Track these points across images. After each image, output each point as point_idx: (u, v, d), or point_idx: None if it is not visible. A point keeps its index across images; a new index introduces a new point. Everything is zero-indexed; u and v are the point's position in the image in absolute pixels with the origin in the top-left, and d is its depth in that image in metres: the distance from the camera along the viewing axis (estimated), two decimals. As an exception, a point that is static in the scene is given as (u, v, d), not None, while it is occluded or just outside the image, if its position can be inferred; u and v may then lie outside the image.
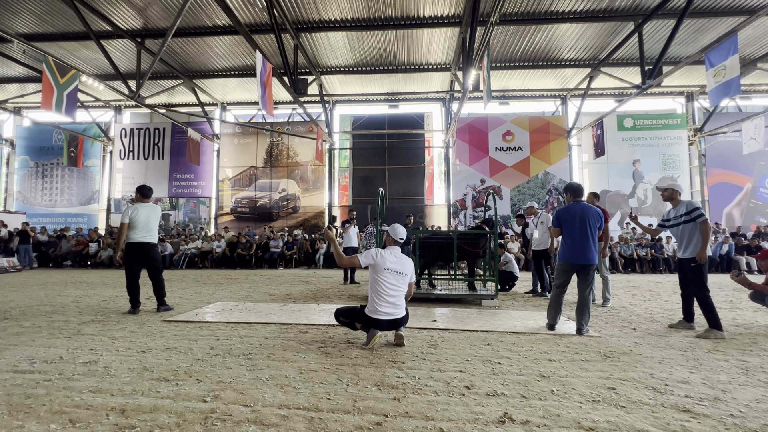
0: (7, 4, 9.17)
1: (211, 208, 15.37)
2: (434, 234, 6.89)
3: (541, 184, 14.07)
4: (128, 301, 4.88)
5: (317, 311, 4.84)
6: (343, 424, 1.94)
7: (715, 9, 9.39)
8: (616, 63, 11.97)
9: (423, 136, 15.46)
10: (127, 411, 2.06)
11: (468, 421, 1.97)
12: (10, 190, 16.15)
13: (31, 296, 6.19)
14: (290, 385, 2.43)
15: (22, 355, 3.04)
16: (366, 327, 3.34)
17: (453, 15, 9.74)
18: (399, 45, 11.17)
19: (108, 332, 3.77)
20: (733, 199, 13.66)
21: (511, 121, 14.37)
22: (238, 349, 3.19)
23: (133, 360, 2.91)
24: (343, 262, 3.49)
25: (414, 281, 3.58)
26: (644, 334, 3.81)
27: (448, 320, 4.40)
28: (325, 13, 9.60)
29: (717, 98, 7.52)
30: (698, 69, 12.17)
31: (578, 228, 3.84)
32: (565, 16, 9.72)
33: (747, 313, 4.93)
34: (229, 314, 4.64)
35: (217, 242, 12.54)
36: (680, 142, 13.88)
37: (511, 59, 12.14)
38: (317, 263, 12.25)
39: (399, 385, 2.45)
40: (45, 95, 7.53)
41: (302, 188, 15.02)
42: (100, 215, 15.62)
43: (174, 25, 7.92)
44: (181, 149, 14.98)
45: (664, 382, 2.52)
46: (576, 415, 2.04)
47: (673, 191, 4.15)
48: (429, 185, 15.41)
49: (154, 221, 4.95)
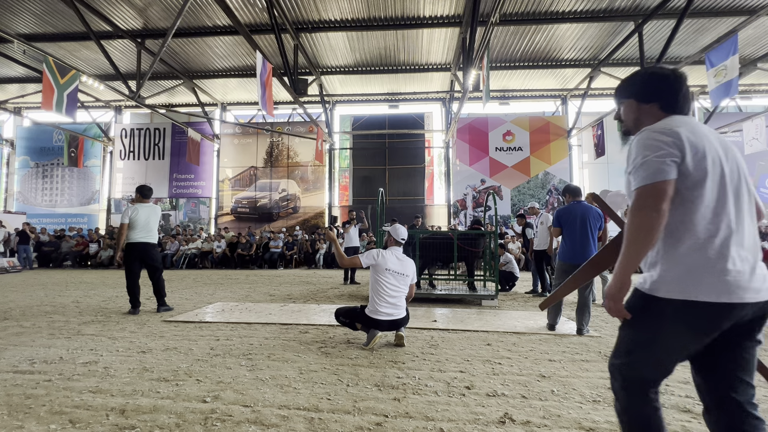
0: (7, 4, 9.17)
1: (211, 208, 15.37)
2: (434, 234, 6.89)
3: (541, 185, 14.06)
4: (128, 301, 4.88)
5: (317, 311, 4.84)
6: (343, 424, 1.94)
7: (715, 9, 9.38)
8: (617, 63, 11.96)
9: (423, 136, 15.46)
10: (127, 411, 2.06)
11: (468, 422, 1.97)
12: (10, 191, 16.15)
13: (31, 296, 6.19)
14: (290, 385, 2.43)
15: (22, 355, 3.04)
16: (366, 327, 3.34)
17: (453, 15, 9.74)
18: (399, 45, 11.17)
19: (108, 332, 3.77)
20: (734, 199, 13.64)
21: (511, 121, 14.37)
22: (238, 350, 3.19)
23: (133, 360, 2.91)
24: (344, 262, 3.49)
25: (415, 282, 3.58)
26: (645, 335, 3.80)
27: (448, 320, 4.40)
28: (325, 13, 9.60)
29: (718, 98, 7.52)
30: (698, 69, 12.13)
31: (578, 228, 3.86)
32: (565, 16, 9.71)
33: (747, 313, 4.92)
34: (229, 314, 4.64)
35: (217, 242, 12.54)
36: (680, 142, 13.85)
37: (511, 59, 12.14)
38: (317, 263, 12.25)
39: (399, 385, 2.44)
40: (45, 95, 7.53)
41: (302, 188, 15.02)
42: (101, 215, 15.62)
43: (174, 26, 7.93)
44: (181, 149, 14.98)
45: (665, 382, 2.51)
46: (576, 416, 2.03)
47: None
48: (429, 185, 15.41)
49: (154, 221, 4.95)
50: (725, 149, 1.20)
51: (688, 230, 1.15)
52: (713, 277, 1.11)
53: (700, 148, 1.15)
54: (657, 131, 1.19)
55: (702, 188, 1.14)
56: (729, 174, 1.17)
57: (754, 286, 1.11)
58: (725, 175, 1.16)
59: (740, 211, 1.17)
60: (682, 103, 1.28)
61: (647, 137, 1.19)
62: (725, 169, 1.16)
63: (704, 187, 1.14)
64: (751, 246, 1.16)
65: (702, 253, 1.13)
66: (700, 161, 1.14)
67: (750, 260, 1.13)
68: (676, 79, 1.29)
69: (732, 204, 1.15)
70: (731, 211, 1.15)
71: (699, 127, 1.21)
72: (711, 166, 1.15)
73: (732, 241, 1.13)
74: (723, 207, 1.15)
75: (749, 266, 1.12)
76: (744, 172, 1.22)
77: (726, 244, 1.12)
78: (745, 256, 1.13)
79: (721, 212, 1.15)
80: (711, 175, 1.15)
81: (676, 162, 1.14)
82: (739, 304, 1.09)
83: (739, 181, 1.19)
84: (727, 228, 1.13)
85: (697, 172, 1.14)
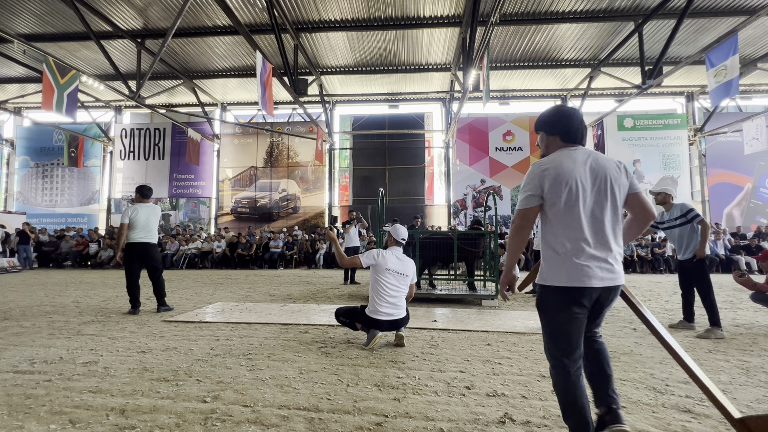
0: (7, 4, 9.17)
1: (211, 208, 15.37)
2: (434, 234, 6.89)
3: (541, 184, 14.04)
4: (128, 301, 4.88)
5: (317, 311, 4.84)
6: (343, 424, 1.94)
7: (715, 9, 9.38)
8: (616, 63, 11.96)
9: (423, 136, 15.46)
10: (127, 411, 2.06)
11: (468, 422, 1.97)
12: (10, 191, 16.15)
13: (31, 296, 6.19)
14: (290, 385, 2.43)
15: (22, 355, 3.04)
16: (366, 327, 3.34)
17: (453, 15, 9.74)
18: (399, 45, 11.17)
19: (108, 332, 3.77)
20: (734, 199, 13.65)
21: (511, 121, 14.37)
22: (238, 350, 3.19)
23: (133, 360, 2.91)
24: (344, 262, 3.49)
25: (415, 282, 3.58)
26: (645, 335, 3.80)
27: (448, 320, 4.40)
28: (325, 13, 9.60)
29: (718, 98, 7.52)
30: (698, 69, 12.16)
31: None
32: (565, 16, 9.71)
33: (747, 313, 4.93)
34: (229, 314, 4.64)
35: (217, 242, 12.54)
36: (680, 142, 13.87)
37: (511, 59, 12.14)
38: (317, 263, 12.24)
39: (399, 385, 2.44)
40: (45, 95, 7.53)
41: (302, 188, 15.02)
42: (101, 215, 15.62)
43: (174, 26, 7.92)
44: (181, 149, 14.98)
45: (665, 382, 2.51)
46: (576, 416, 2.03)
47: (665, 195, 4.16)
48: (429, 185, 15.41)
49: (153, 221, 4.95)
50: (595, 172, 1.61)
51: (553, 238, 1.63)
52: (568, 269, 1.58)
53: (561, 178, 1.58)
54: (536, 166, 1.65)
55: (561, 206, 1.59)
56: (590, 193, 1.59)
57: (599, 276, 1.56)
58: (580, 195, 1.57)
59: (596, 220, 1.59)
60: (575, 135, 1.70)
61: (529, 172, 1.67)
62: (582, 191, 1.58)
63: (562, 204, 1.58)
64: (601, 246, 1.58)
65: (562, 254, 1.59)
66: (557, 189, 1.58)
67: (599, 257, 1.57)
68: (573, 117, 1.72)
69: (587, 216, 1.58)
70: (584, 223, 1.58)
71: (576, 157, 1.63)
72: (566, 191, 1.57)
73: (582, 245, 1.57)
74: (577, 220, 1.57)
75: (596, 263, 1.57)
76: (613, 187, 1.61)
77: (577, 247, 1.57)
78: (593, 254, 1.57)
79: (574, 224, 1.58)
80: (566, 198, 1.57)
81: (537, 194, 1.62)
82: (588, 288, 1.56)
83: (603, 195, 1.60)
84: (580, 235, 1.57)
85: (554, 198, 1.59)
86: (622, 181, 1.64)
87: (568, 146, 1.70)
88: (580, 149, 1.67)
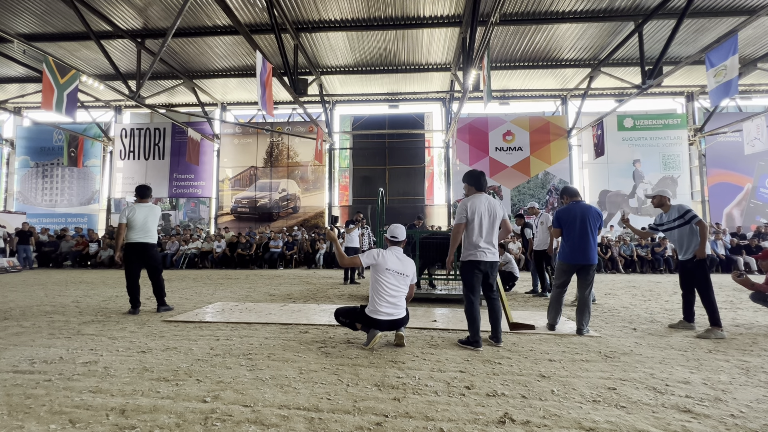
0: (7, 4, 9.17)
1: (211, 208, 15.37)
2: (433, 234, 6.88)
3: (541, 184, 14.07)
4: (128, 301, 4.88)
5: (317, 311, 4.84)
6: (343, 424, 1.94)
7: (715, 9, 9.39)
8: (616, 63, 11.97)
9: (423, 136, 15.46)
10: (127, 411, 2.06)
11: (468, 422, 1.97)
12: (10, 190, 16.15)
13: (31, 296, 6.19)
14: (290, 385, 2.43)
15: (22, 355, 3.04)
16: (366, 327, 3.34)
17: (453, 15, 9.74)
18: (399, 45, 11.17)
19: (108, 332, 3.77)
20: (734, 199, 13.66)
21: (511, 121, 14.37)
22: (238, 350, 3.19)
23: (133, 360, 2.91)
24: (344, 261, 3.49)
25: (415, 282, 3.58)
26: (644, 334, 3.81)
27: (448, 320, 4.40)
28: (325, 13, 9.60)
29: (718, 98, 7.51)
30: (698, 69, 12.16)
31: (578, 228, 3.85)
32: (565, 16, 9.72)
33: (747, 314, 4.93)
34: (229, 314, 4.64)
35: (217, 242, 12.54)
36: (680, 142, 13.88)
37: (511, 59, 12.14)
38: (317, 263, 12.25)
39: (399, 385, 2.44)
40: (45, 95, 7.53)
41: (302, 188, 15.02)
42: (101, 215, 15.62)
43: (174, 25, 7.92)
44: (181, 149, 14.98)
45: (665, 382, 2.52)
46: (576, 416, 2.04)
47: (662, 198, 4.17)
48: (429, 185, 15.41)
49: (152, 221, 4.92)
50: (489, 207, 3.36)
51: (469, 236, 3.37)
52: (473, 250, 3.33)
53: (475, 209, 3.34)
54: (464, 202, 3.41)
55: (473, 224, 3.33)
56: (487, 218, 3.34)
57: (488, 256, 3.32)
58: (483, 219, 3.33)
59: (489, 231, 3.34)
60: (481, 187, 3.45)
61: (460, 204, 3.44)
62: (485, 217, 3.33)
63: (474, 223, 3.33)
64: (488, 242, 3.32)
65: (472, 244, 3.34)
66: (473, 214, 3.34)
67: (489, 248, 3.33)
68: (482, 177, 3.47)
69: (486, 228, 3.33)
70: (485, 230, 3.33)
71: (480, 199, 3.38)
72: (477, 216, 3.33)
73: (482, 240, 3.31)
74: (481, 229, 3.32)
75: (486, 249, 3.31)
76: (496, 215, 3.38)
77: (478, 241, 3.32)
78: (486, 246, 3.31)
79: (480, 231, 3.32)
80: (477, 219, 3.33)
81: (465, 216, 3.37)
82: (481, 261, 3.32)
83: (493, 219, 3.36)
84: (480, 236, 3.32)
85: (472, 218, 3.34)
86: (500, 213, 3.41)
87: (478, 193, 3.43)
88: (483, 195, 3.41)
